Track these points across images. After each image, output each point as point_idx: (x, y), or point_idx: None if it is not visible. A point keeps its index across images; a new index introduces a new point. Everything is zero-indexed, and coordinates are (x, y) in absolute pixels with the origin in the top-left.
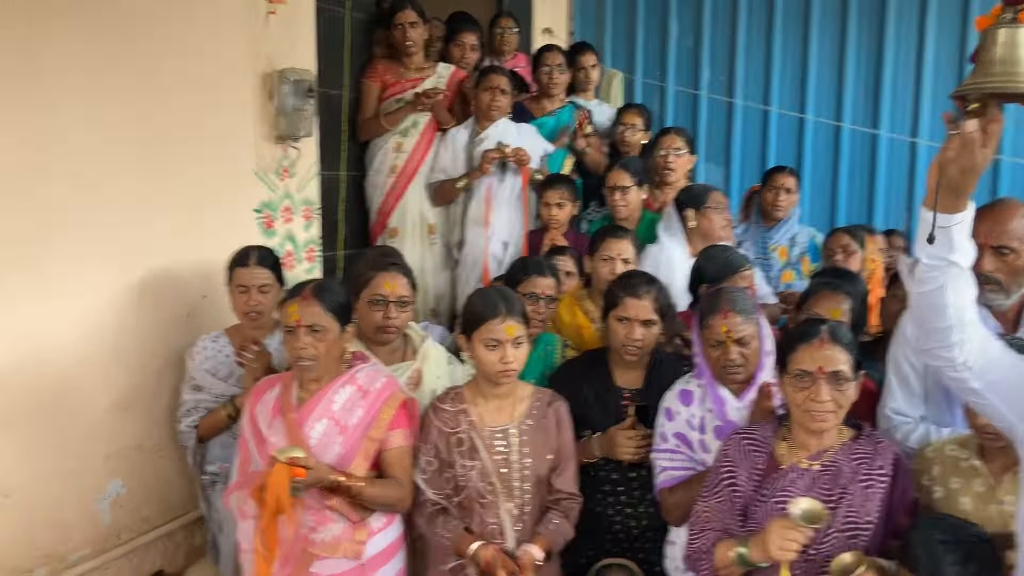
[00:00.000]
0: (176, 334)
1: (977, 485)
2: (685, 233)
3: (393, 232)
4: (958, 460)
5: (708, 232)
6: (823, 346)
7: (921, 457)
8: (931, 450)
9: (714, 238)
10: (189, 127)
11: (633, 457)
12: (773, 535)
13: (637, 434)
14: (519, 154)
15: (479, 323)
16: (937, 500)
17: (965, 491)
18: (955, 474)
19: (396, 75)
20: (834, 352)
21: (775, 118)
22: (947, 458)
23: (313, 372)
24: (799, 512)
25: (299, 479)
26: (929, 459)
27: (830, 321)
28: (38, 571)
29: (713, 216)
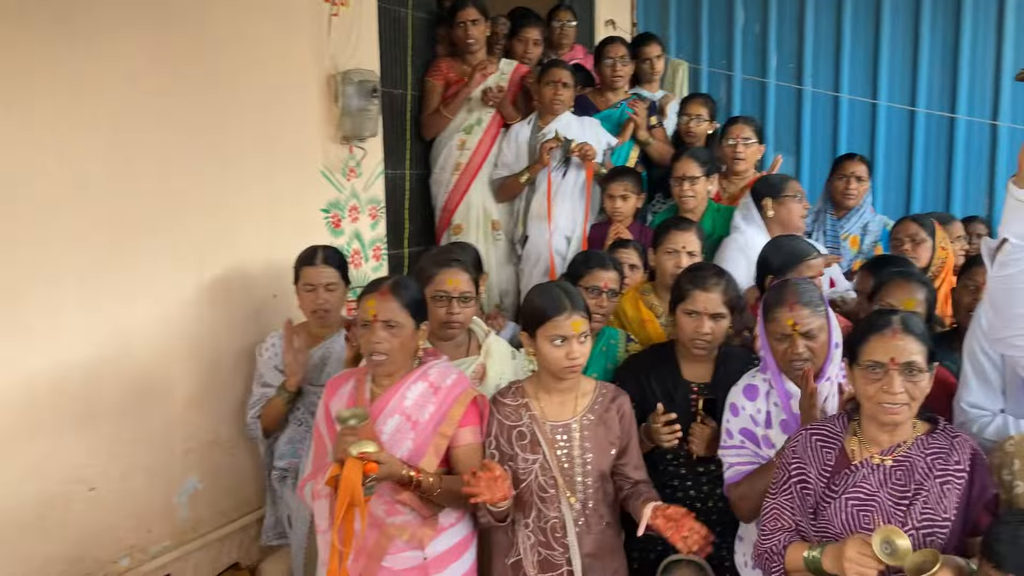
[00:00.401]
0: (247, 332)
1: None
2: (764, 222)
3: (457, 229)
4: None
5: (787, 221)
6: (896, 336)
7: (1001, 451)
8: (1011, 444)
9: (793, 228)
10: (258, 131)
11: (672, 443)
12: (851, 555)
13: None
14: (583, 148)
15: (543, 320)
16: (1019, 495)
17: None
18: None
19: (459, 73)
20: (907, 342)
21: (846, 104)
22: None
23: (386, 367)
24: (883, 543)
25: (371, 474)
26: (1010, 453)
27: (902, 311)
28: (122, 562)
29: (792, 205)
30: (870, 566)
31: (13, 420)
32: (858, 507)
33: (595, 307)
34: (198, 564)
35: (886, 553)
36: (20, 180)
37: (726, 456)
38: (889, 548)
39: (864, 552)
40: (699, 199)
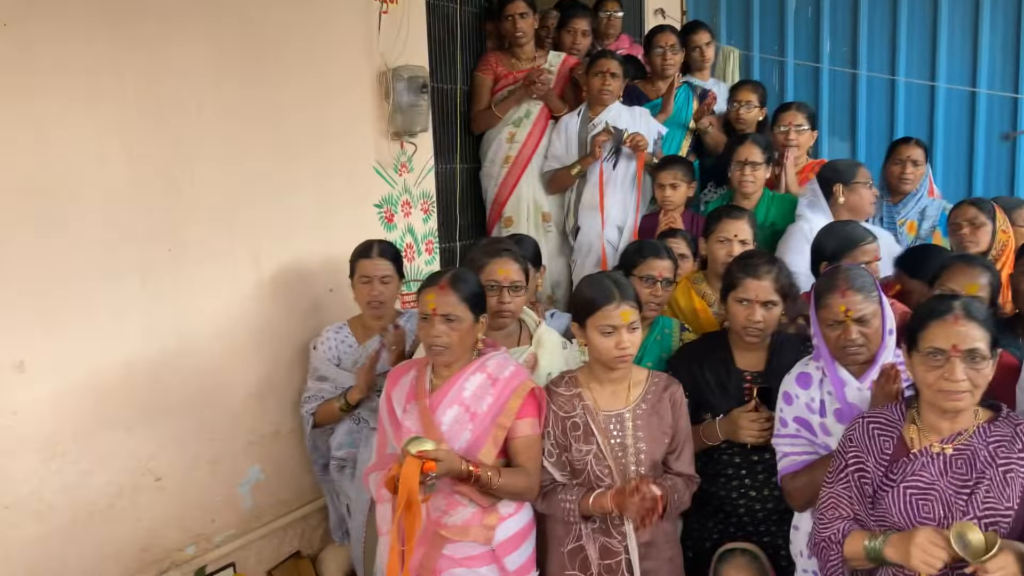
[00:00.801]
0: (305, 326)
1: None
2: (831, 209)
3: (508, 221)
4: None
5: (857, 207)
6: (957, 322)
7: None
8: None
9: (863, 214)
10: (312, 129)
11: (757, 440)
12: (919, 545)
13: (761, 416)
14: (635, 139)
15: (593, 310)
16: None
17: None
18: None
19: (508, 66)
20: (969, 328)
21: (903, 87)
22: None
23: (445, 359)
24: (959, 537)
25: (430, 472)
26: None
27: (964, 296)
28: (188, 550)
29: (863, 191)
30: (938, 556)
31: (84, 414)
32: (917, 496)
33: (650, 296)
34: (261, 552)
35: (960, 545)
36: (86, 180)
37: (780, 445)
38: (963, 543)
39: (935, 542)
40: (758, 185)
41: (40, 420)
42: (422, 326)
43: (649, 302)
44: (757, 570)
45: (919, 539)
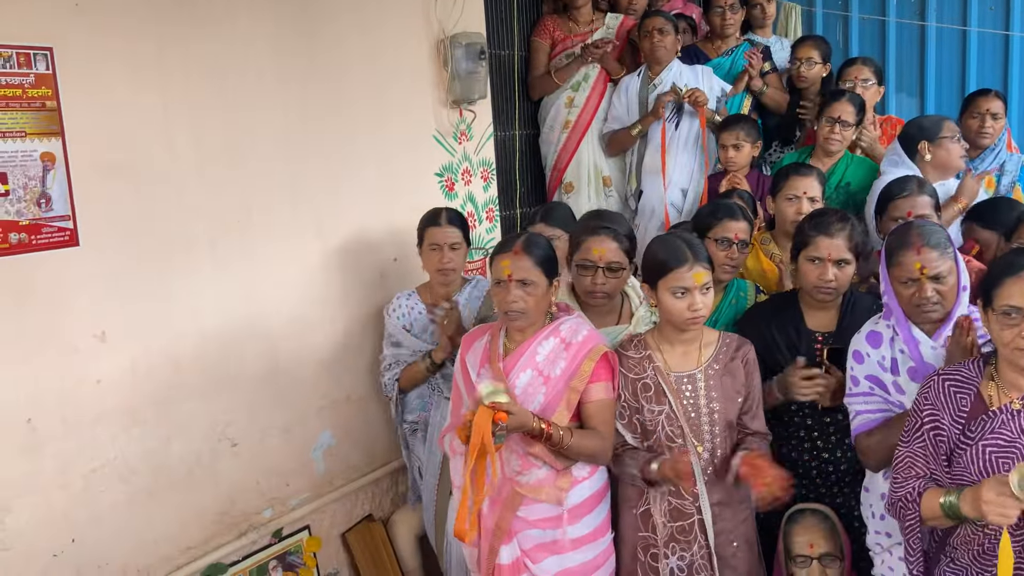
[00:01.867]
0: (372, 295)
1: None
2: (918, 167)
3: (569, 187)
4: None
5: (946, 163)
6: None
7: None
8: None
9: (952, 169)
10: (372, 99)
11: (811, 397)
12: (989, 498)
13: (815, 373)
14: (695, 95)
15: (665, 271)
16: None
17: None
18: None
19: (565, 30)
20: None
21: (975, 38)
22: None
23: (521, 324)
24: (1020, 482)
25: (501, 423)
26: None
27: None
28: (265, 513)
29: (950, 146)
30: (1011, 506)
31: (162, 382)
32: (997, 454)
33: (726, 259)
34: (334, 515)
35: (1022, 491)
36: (155, 155)
37: (853, 404)
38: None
39: (1004, 492)
40: (844, 144)
41: (121, 389)
42: (497, 291)
43: (725, 264)
44: (827, 530)
45: (987, 493)
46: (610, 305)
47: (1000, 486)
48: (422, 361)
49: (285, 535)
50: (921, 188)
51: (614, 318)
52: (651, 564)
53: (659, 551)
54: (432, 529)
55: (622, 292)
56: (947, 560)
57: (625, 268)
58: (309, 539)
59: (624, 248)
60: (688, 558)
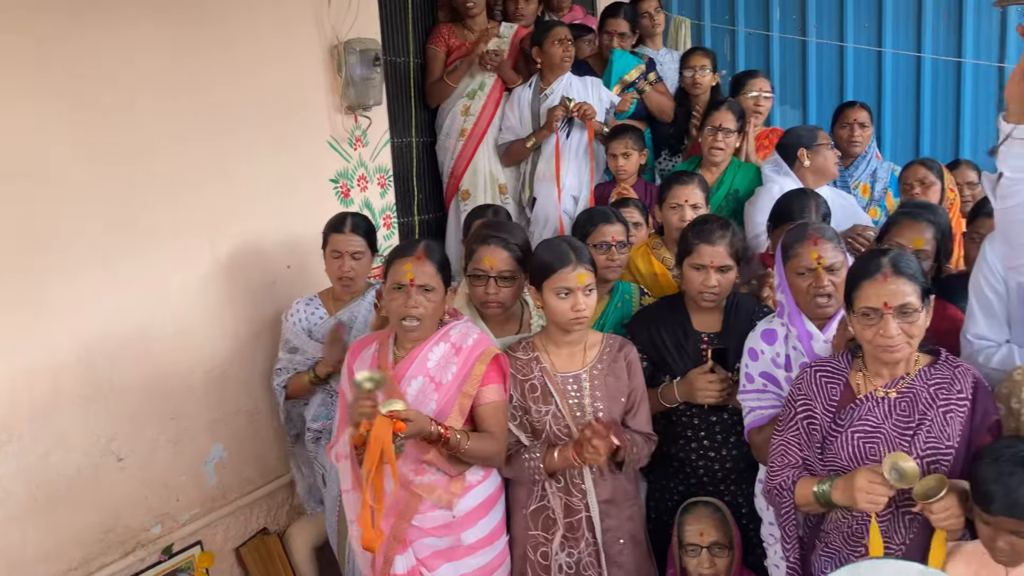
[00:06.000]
0: (264, 303)
1: None
2: (796, 173)
3: (465, 194)
4: None
5: (823, 169)
6: (887, 280)
7: (1010, 380)
8: (1019, 372)
9: (829, 175)
10: (265, 104)
11: (714, 400)
12: (861, 485)
13: (717, 377)
14: (583, 108)
15: (549, 273)
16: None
17: None
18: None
19: (460, 38)
20: (899, 285)
21: (851, 53)
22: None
23: (417, 331)
24: (892, 468)
25: (400, 432)
26: (1018, 382)
27: (891, 251)
28: (154, 529)
29: (827, 153)
30: (880, 492)
31: (40, 394)
32: (864, 439)
33: (606, 262)
34: (227, 530)
35: (895, 478)
36: (36, 163)
37: (747, 400)
38: (897, 473)
39: (874, 480)
40: (728, 152)
41: None
42: (395, 296)
43: (606, 267)
44: (718, 520)
45: (859, 481)
46: (508, 314)
47: (872, 475)
48: (307, 373)
49: (176, 551)
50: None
51: (514, 327)
52: (541, 563)
53: (549, 549)
54: (335, 534)
55: (521, 301)
56: (821, 545)
57: (518, 277)
58: (201, 555)
59: (516, 257)
60: (576, 555)
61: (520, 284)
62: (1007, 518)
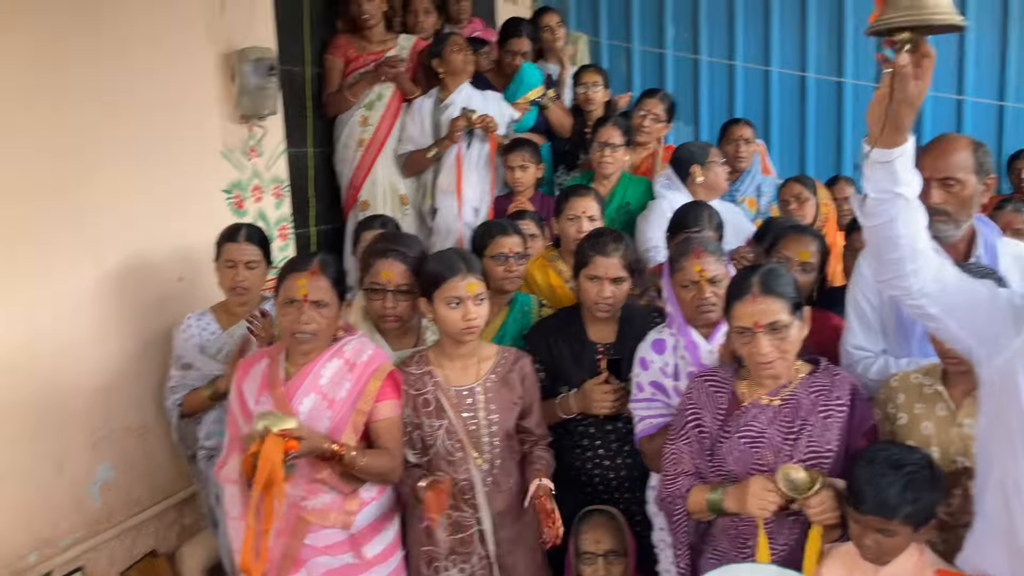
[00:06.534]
0: (154, 317)
1: (940, 410)
2: (689, 188)
3: (364, 205)
4: (922, 387)
5: (715, 184)
6: (756, 300)
7: (887, 387)
8: (897, 379)
9: (720, 190)
10: (154, 113)
11: (609, 410)
12: (752, 493)
13: (611, 387)
14: (485, 120)
15: (439, 282)
16: (901, 427)
17: (927, 416)
18: (919, 400)
19: (358, 49)
20: (767, 303)
21: (741, 72)
22: (912, 386)
23: (311, 347)
24: (785, 478)
25: (292, 451)
26: (894, 388)
27: (761, 269)
28: (30, 557)
29: (718, 169)
30: (772, 500)
31: None
32: (749, 444)
33: (504, 274)
34: (112, 554)
35: (788, 485)
36: None
37: (637, 409)
38: (789, 483)
39: (767, 488)
40: (617, 166)
41: None
42: (287, 312)
43: (504, 279)
44: (614, 529)
45: (753, 488)
46: (406, 328)
47: (766, 482)
48: (205, 389)
49: None
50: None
51: (411, 340)
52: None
53: (440, 563)
54: (228, 555)
55: (420, 315)
56: (710, 548)
57: (415, 290)
58: None
59: (414, 270)
60: (468, 569)
61: (418, 297)
62: (876, 517)
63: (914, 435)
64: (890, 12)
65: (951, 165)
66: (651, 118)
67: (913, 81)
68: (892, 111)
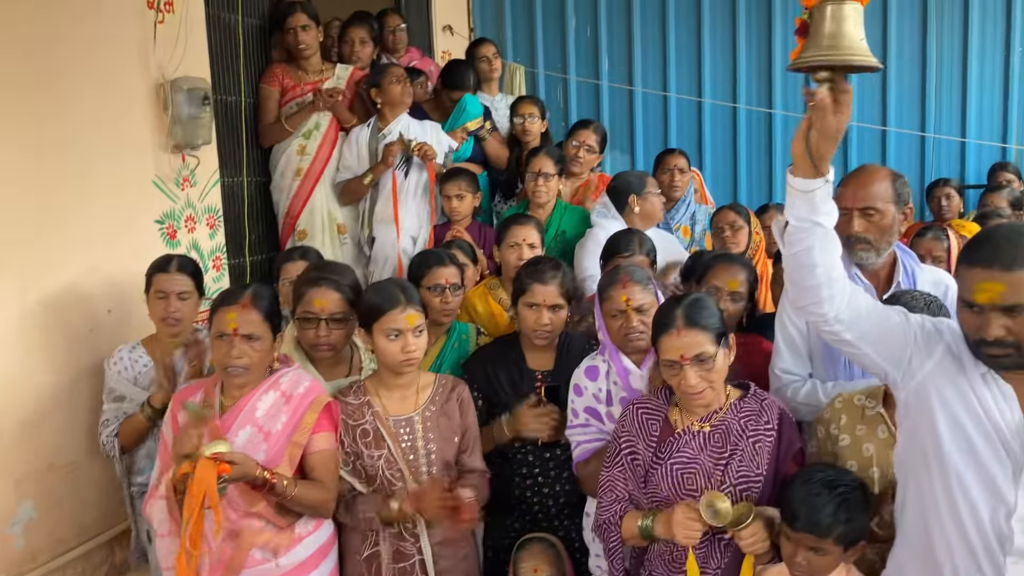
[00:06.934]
0: (83, 350)
1: (880, 432)
2: (625, 218)
3: (302, 234)
4: (864, 409)
5: (651, 214)
6: (680, 334)
7: (830, 407)
8: (840, 400)
9: (656, 219)
10: (84, 143)
11: (544, 436)
12: (677, 521)
13: (545, 411)
14: (423, 148)
15: (379, 314)
16: (843, 447)
17: (869, 437)
18: (861, 422)
19: (295, 79)
20: (692, 336)
21: (674, 103)
22: (854, 407)
23: (243, 381)
24: (708, 507)
25: (224, 475)
26: (838, 409)
27: (685, 301)
28: None
29: (654, 199)
30: (695, 528)
31: None
32: (682, 471)
33: (441, 304)
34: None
35: (710, 515)
36: None
37: (573, 435)
38: (712, 511)
39: (690, 516)
40: (551, 195)
41: None
42: (219, 346)
43: (441, 309)
44: (552, 556)
45: (677, 516)
46: (338, 357)
47: (689, 511)
48: (141, 411)
49: None
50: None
51: (344, 369)
52: None
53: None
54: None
55: (351, 343)
56: (646, 574)
57: (349, 319)
58: None
59: (347, 298)
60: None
61: (351, 326)
62: (809, 535)
63: (856, 456)
64: (810, 51)
65: (871, 195)
66: (585, 148)
67: (833, 116)
68: (813, 143)
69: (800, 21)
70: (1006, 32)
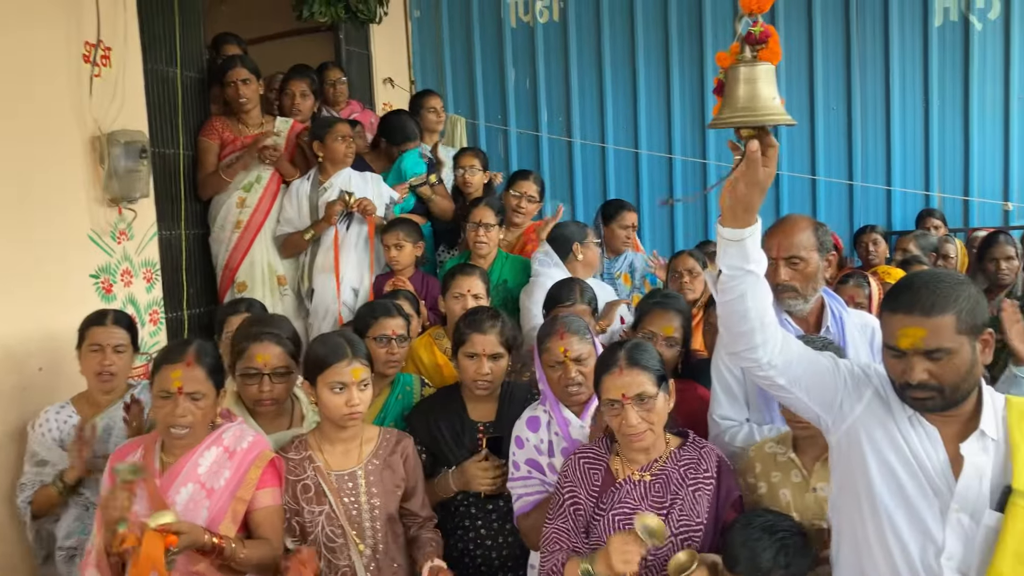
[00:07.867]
0: (12, 410)
1: (794, 477)
2: (567, 266)
3: (242, 286)
4: (776, 456)
5: (592, 261)
6: (622, 373)
7: (745, 457)
8: (753, 449)
9: (595, 267)
10: (16, 195)
11: (489, 489)
12: (615, 548)
13: (490, 465)
14: (363, 204)
15: (324, 367)
16: (761, 496)
17: (784, 483)
18: (775, 469)
19: (235, 131)
20: (633, 376)
21: (612, 154)
22: (767, 455)
23: (186, 439)
24: (642, 527)
25: (172, 547)
26: (752, 458)
27: (627, 344)
28: None
29: (594, 248)
30: (633, 552)
31: None
32: (623, 520)
33: (387, 356)
34: None
35: (645, 535)
36: None
37: (514, 488)
38: (646, 530)
39: (625, 540)
40: (492, 245)
41: None
42: (162, 405)
43: (387, 361)
44: None
45: (613, 544)
46: (280, 409)
47: (624, 536)
48: (53, 484)
49: None
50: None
51: (285, 421)
52: None
53: None
54: None
55: (292, 395)
56: None
57: (292, 372)
58: None
59: (289, 351)
60: None
61: (293, 379)
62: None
63: (775, 503)
64: (726, 111)
65: (795, 244)
66: (526, 199)
67: (761, 168)
68: (742, 194)
69: (718, 80)
70: (924, 84)
